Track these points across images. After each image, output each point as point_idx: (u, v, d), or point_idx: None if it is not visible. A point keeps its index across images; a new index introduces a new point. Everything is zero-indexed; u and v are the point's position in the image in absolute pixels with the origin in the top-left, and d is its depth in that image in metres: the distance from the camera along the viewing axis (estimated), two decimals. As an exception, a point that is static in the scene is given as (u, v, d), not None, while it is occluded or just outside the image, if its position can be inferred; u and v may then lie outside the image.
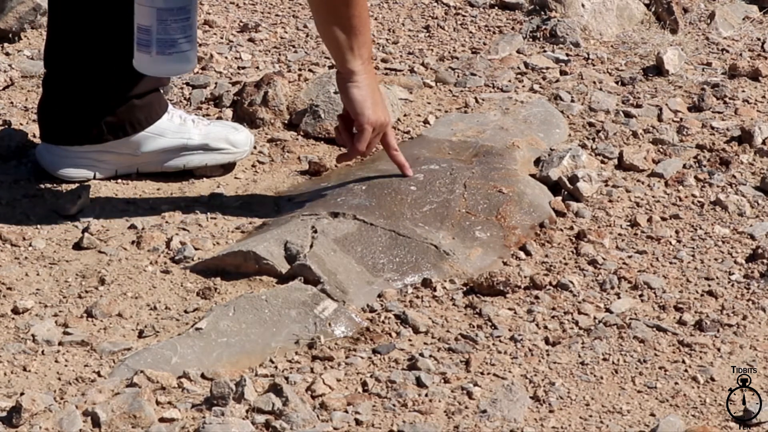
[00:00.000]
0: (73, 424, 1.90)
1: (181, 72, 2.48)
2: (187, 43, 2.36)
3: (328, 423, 1.94)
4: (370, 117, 2.38)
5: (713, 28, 3.42)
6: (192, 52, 2.38)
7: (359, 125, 2.40)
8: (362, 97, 2.37)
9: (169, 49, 2.35)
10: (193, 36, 2.37)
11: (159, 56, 2.35)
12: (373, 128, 2.40)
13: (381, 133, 2.43)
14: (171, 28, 2.33)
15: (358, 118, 2.39)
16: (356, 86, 2.37)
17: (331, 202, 2.47)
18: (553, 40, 3.28)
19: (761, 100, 3.03)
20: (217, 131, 2.64)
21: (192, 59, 2.39)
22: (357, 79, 2.37)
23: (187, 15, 2.34)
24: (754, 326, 2.24)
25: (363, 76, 2.37)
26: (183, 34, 2.35)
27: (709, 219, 2.55)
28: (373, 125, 2.39)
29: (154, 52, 2.35)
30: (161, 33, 2.33)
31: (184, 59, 2.37)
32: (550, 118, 2.89)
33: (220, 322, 2.15)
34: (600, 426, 1.97)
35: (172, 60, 2.36)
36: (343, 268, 2.29)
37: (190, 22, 2.35)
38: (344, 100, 2.40)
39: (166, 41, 2.34)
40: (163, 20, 2.32)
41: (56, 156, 2.57)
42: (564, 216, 2.55)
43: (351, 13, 2.32)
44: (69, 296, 2.26)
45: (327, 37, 2.37)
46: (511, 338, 2.18)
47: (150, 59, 2.36)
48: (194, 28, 2.37)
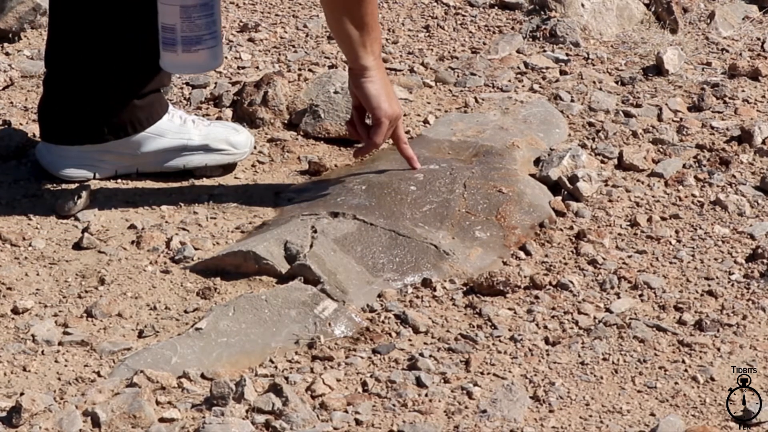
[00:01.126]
0: (73, 424, 1.90)
1: (209, 68, 2.46)
2: (212, 39, 2.34)
3: (328, 423, 1.94)
4: (386, 110, 2.43)
5: (713, 28, 3.42)
6: (218, 48, 2.36)
7: (376, 119, 2.44)
8: (377, 92, 2.41)
9: (195, 46, 2.33)
10: (218, 31, 2.35)
11: (185, 54, 2.33)
12: (389, 121, 2.44)
13: (395, 125, 2.48)
14: (195, 24, 2.31)
15: (375, 112, 2.43)
16: (370, 81, 2.41)
17: (331, 202, 2.47)
18: (552, 40, 3.28)
19: (761, 99, 3.03)
20: (217, 132, 2.64)
21: (219, 55, 2.38)
22: (370, 75, 2.41)
23: (210, 11, 2.32)
24: (754, 326, 2.24)
25: (375, 71, 2.41)
26: (208, 30, 2.33)
27: (709, 219, 2.55)
28: (389, 118, 2.44)
29: (180, 50, 2.33)
30: (186, 30, 2.31)
31: (211, 55, 2.36)
32: (550, 118, 2.89)
33: (220, 322, 2.15)
34: (600, 426, 1.97)
35: (199, 57, 2.34)
36: (343, 268, 2.29)
37: (214, 17, 2.33)
38: (359, 96, 2.44)
39: (191, 38, 2.32)
40: (187, 17, 2.30)
41: (56, 156, 2.57)
42: (564, 216, 2.55)
43: (364, 11, 2.36)
44: (69, 296, 2.26)
45: (340, 35, 2.40)
46: (511, 338, 2.18)
47: (176, 57, 2.34)
48: (218, 24, 2.35)
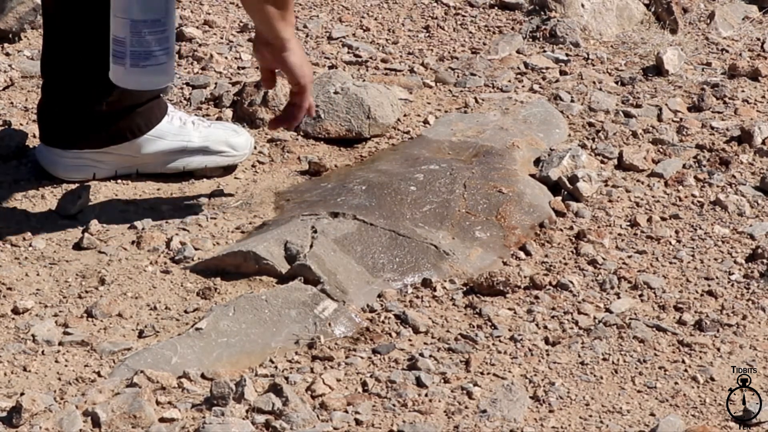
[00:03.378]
0: (73, 424, 1.90)
1: (157, 85, 2.41)
2: (164, 55, 2.30)
3: (328, 423, 1.94)
4: (309, 75, 2.42)
5: (713, 28, 3.42)
6: (169, 65, 2.33)
7: (303, 86, 2.41)
8: (300, 61, 2.39)
9: (144, 62, 2.29)
10: (171, 48, 2.32)
11: (133, 68, 2.29)
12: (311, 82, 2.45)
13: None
14: (146, 40, 2.28)
15: (300, 80, 2.40)
16: (292, 53, 2.37)
17: (331, 202, 2.47)
18: (552, 40, 3.28)
19: (761, 100, 3.03)
20: (217, 134, 2.64)
21: (169, 72, 2.34)
22: (291, 47, 2.37)
23: (163, 27, 2.29)
24: (753, 326, 2.24)
25: (293, 41, 2.38)
26: (159, 46, 2.29)
27: (708, 219, 2.55)
28: (312, 81, 2.44)
29: (128, 64, 2.29)
30: (135, 45, 2.28)
31: (160, 72, 2.32)
32: (550, 118, 2.89)
33: (220, 322, 2.15)
34: (600, 426, 1.97)
35: (147, 72, 2.30)
36: (343, 268, 2.29)
37: (166, 34, 2.30)
38: (283, 69, 2.39)
39: (140, 53, 2.29)
40: (137, 32, 2.27)
41: (56, 156, 2.57)
42: (564, 216, 2.55)
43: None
44: (69, 296, 2.26)
45: (260, 14, 2.34)
46: (511, 338, 2.18)
47: (124, 71, 2.30)
48: (172, 41, 2.32)
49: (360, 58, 3.15)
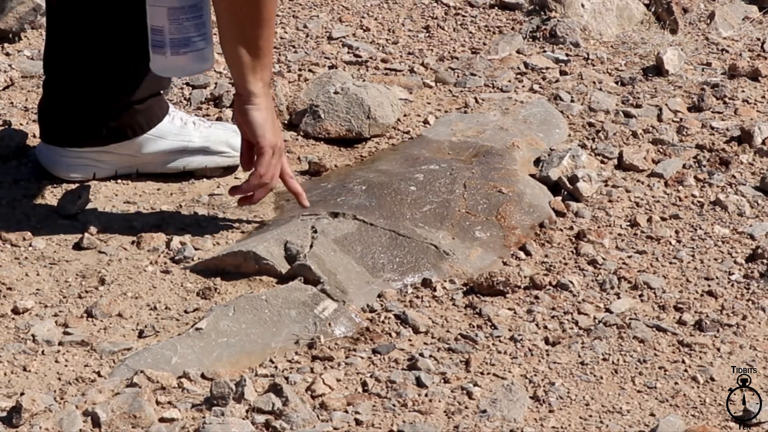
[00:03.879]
0: (73, 424, 1.90)
1: (199, 71, 2.44)
2: (202, 41, 2.32)
3: (328, 423, 1.94)
4: (270, 139, 2.32)
5: (713, 28, 3.42)
6: (208, 50, 2.34)
7: (260, 148, 2.33)
8: (263, 120, 2.31)
9: (183, 48, 2.31)
10: (208, 33, 2.34)
11: (174, 56, 2.31)
12: (273, 151, 2.34)
13: (280, 156, 2.37)
14: (184, 26, 2.29)
15: (259, 141, 2.32)
16: (256, 108, 2.31)
17: (331, 202, 2.47)
18: (552, 40, 3.28)
19: (761, 100, 3.03)
20: (218, 134, 2.64)
21: (209, 57, 2.35)
22: (257, 102, 2.30)
23: (200, 12, 2.30)
24: (754, 326, 2.24)
25: (262, 98, 2.31)
26: (197, 32, 2.31)
27: (708, 219, 2.56)
28: (273, 147, 2.34)
29: (168, 52, 2.30)
30: (174, 32, 2.29)
31: (200, 58, 2.33)
32: (550, 118, 2.89)
33: (220, 322, 2.15)
34: (600, 426, 1.97)
35: (188, 59, 2.32)
36: (343, 268, 2.29)
37: (203, 19, 2.31)
38: (243, 123, 2.33)
39: (180, 40, 2.30)
40: (175, 19, 2.29)
41: (56, 156, 2.57)
42: (564, 216, 2.55)
43: (259, 33, 2.26)
44: (69, 296, 2.26)
45: (231, 57, 2.29)
46: (511, 338, 2.18)
47: (165, 60, 2.31)
48: (208, 26, 2.33)
49: (360, 58, 3.15)
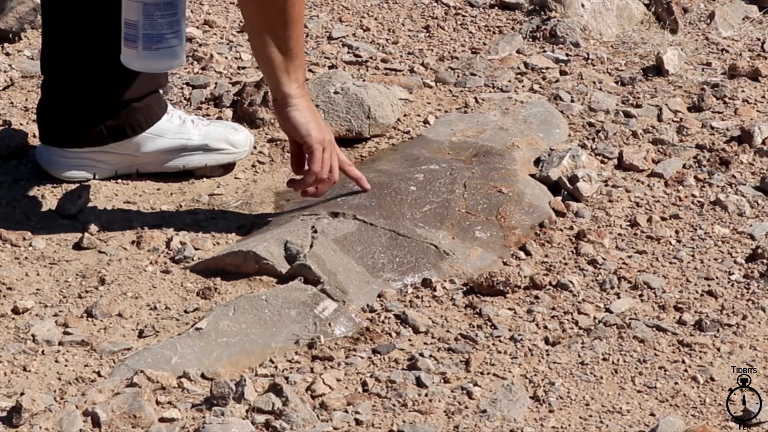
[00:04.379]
0: (73, 424, 1.90)
1: (169, 68, 2.45)
2: (175, 38, 2.33)
3: (328, 423, 1.94)
4: (316, 136, 2.33)
5: (713, 28, 3.42)
6: (180, 48, 2.35)
7: (308, 147, 2.34)
8: (305, 119, 2.32)
9: (156, 45, 2.32)
10: (182, 31, 2.35)
11: (145, 51, 2.33)
12: (322, 147, 2.35)
13: (332, 150, 2.38)
14: (158, 23, 2.31)
15: (306, 140, 2.33)
16: (296, 109, 2.31)
17: (331, 202, 2.47)
18: (553, 40, 3.28)
19: (761, 100, 3.03)
20: (216, 132, 2.64)
21: (180, 54, 2.36)
22: (294, 102, 2.31)
23: (174, 10, 2.32)
24: (754, 326, 2.24)
25: (300, 99, 2.31)
26: (170, 29, 2.32)
27: (709, 219, 2.55)
28: (322, 144, 2.35)
29: (140, 47, 2.32)
30: (148, 28, 2.31)
31: (171, 54, 2.34)
32: (550, 118, 2.89)
33: (220, 322, 2.15)
34: (600, 426, 1.97)
35: (159, 55, 2.33)
36: (343, 268, 2.29)
37: (177, 17, 2.33)
38: (287, 126, 2.34)
39: (152, 36, 2.32)
40: (149, 15, 2.30)
41: (56, 156, 2.57)
42: (564, 216, 2.55)
43: (288, 34, 2.26)
44: (69, 296, 2.26)
45: (263, 60, 2.30)
46: (511, 338, 2.18)
47: (136, 54, 2.33)
48: (182, 24, 2.35)
49: (360, 58, 3.15)
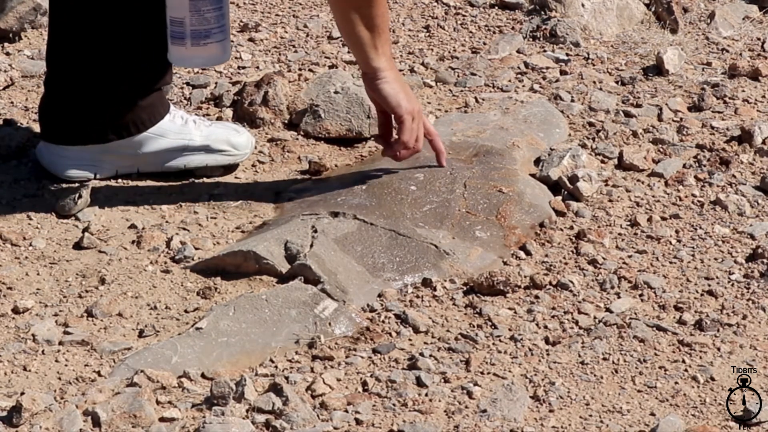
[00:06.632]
0: (73, 424, 1.90)
1: (218, 63, 2.48)
2: (221, 32, 2.35)
3: (328, 423, 1.94)
4: (407, 107, 2.44)
5: (713, 28, 3.42)
6: (227, 42, 2.37)
7: (398, 117, 2.44)
8: (395, 91, 2.42)
9: (203, 40, 2.34)
10: (227, 25, 2.36)
11: (194, 47, 2.34)
12: (412, 117, 2.45)
13: (420, 119, 2.48)
14: (205, 18, 2.32)
15: (397, 111, 2.44)
16: (386, 82, 2.42)
17: (331, 201, 2.47)
18: (553, 40, 3.28)
19: (761, 99, 3.03)
20: (218, 133, 2.64)
21: (227, 49, 2.38)
22: (384, 75, 2.42)
23: (219, 4, 2.33)
24: (754, 326, 2.24)
25: (389, 71, 2.42)
26: (217, 23, 2.34)
27: (709, 219, 2.56)
28: (412, 114, 2.45)
29: (188, 43, 2.34)
30: (195, 24, 2.32)
31: (220, 49, 2.36)
32: (550, 118, 2.89)
33: (220, 322, 2.15)
34: (600, 426, 1.97)
35: (208, 50, 2.35)
36: (343, 268, 2.29)
37: (223, 11, 2.34)
38: (377, 98, 2.44)
39: (200, 32, 2.33)
40: (197, 11, 2.31)
41: (57, 156, 2.57)
42: (564, 216, 2.55)
43: (374, 12, 2.37)
44: (69, 296, 2.26)
45: (351, 38, 2.41)
46: (511, 338, 2.18)
47: (185, 51, 2.35)
48: (227, 17, 2.36)
49: (360, 58, 3.15)
